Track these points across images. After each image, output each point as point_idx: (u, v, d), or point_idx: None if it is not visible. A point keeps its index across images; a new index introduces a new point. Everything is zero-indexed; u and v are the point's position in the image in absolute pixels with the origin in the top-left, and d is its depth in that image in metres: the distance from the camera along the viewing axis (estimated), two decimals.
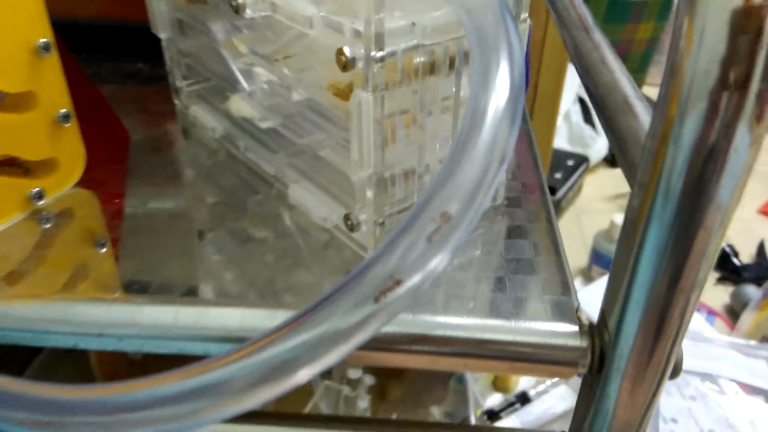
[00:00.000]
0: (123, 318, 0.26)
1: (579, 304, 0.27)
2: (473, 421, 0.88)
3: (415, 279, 0.19)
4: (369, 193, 0.28)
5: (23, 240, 0.31)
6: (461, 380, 0.94)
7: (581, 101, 1.55)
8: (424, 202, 0.20)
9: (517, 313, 0.27)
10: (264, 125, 0.34)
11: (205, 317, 0.27)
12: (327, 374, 0.84)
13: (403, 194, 0.30)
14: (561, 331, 0.26)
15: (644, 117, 0.28)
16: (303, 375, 0.20)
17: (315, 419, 0.35)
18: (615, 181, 1.54)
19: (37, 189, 0.32)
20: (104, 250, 0.31)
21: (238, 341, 0.23)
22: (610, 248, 1.15)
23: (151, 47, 0.43)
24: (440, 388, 0.99)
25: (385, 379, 0.93)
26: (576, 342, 0.25)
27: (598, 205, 1.45)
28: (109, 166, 0.38)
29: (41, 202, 0.33)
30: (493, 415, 0.95)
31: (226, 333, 0.26)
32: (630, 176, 0.26)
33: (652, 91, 1.57)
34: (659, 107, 0.20)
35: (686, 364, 0.78)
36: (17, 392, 0.21)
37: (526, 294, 0.28)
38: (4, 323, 0.26)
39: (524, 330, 0.26)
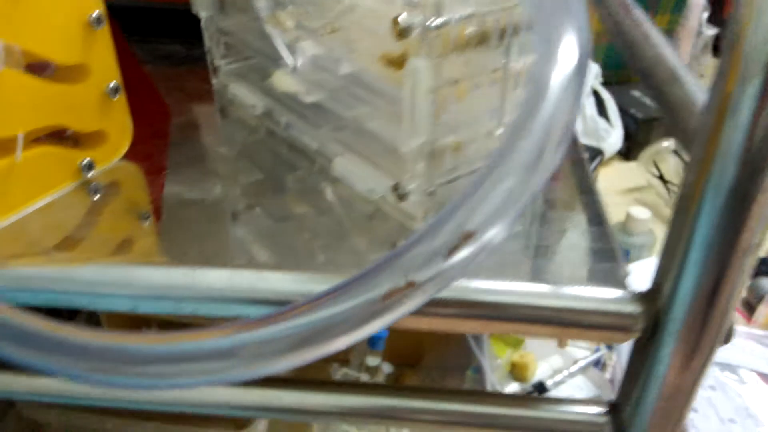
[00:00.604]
0: (182, 281, 0.27)
1: (629, 271, 0.28)
2: None
3: (463, 253, 0.20)
4: (419, 163, 0.29)
5: (75, 210, 0.32)
6: (478, 370, 0.95)
7: (595, 94, 1.55)
8: (481, 177, 0.20)
9: (568, 280, 0.27)
10: (308, 100, 0.34)
11: (261, 281, 0.27)
12: (345, 362, 0.85)
13: (451, 165, 0.30)
14: (614, 297, 0.26)
15: (693, 87, 0.28)
16: (341, 342, 0.20)
17: (342, 385, 0.35)
18: (630, 173, 1.53)
19: (87, 160, 0.33)
20: (148, 223, 0.32)
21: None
22: (627, 241, 1.15)
23: (186, 29, 0.43)
24: (457, 377, 0.99)
25: (403, 367, 0.94)
26: (629, 307, 0.26)
27: (613, 198, 1.45)
28: (152, 141, 0.38)
29: (91, 173, 0.34)
30: None
31: (281, 297, 0.27)
32: (685, 143, 0.26)
33: None
34: (716, 83, 0.21)
35: None
36: (77, 340, 0.21)
37: (575, 261, 0.28)
38: (64, 287, 0.27)
39: (577, 296, 0.26)
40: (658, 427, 0.28)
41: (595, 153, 1.45)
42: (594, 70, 1.38)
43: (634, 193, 1.44)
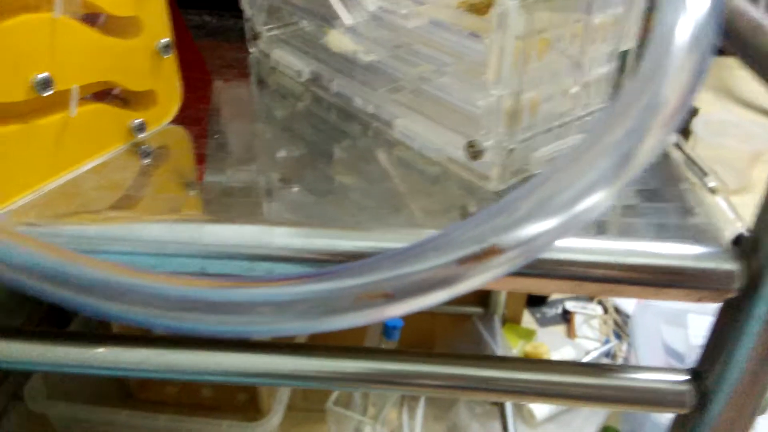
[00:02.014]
0: (255, 239, 0.25)
1: (723, 228, 0.27)
2: (508, 401, 0.88)
3: (552, 222, 0.18)
4: (498, 119, 0.27)
5: (126, 172, 0.30)
6: None
7: None
8: (591, 140, 0.18)
9: (661, 237, 0.26)
10: (368, 59, 0.33)
11: (337, 241, 0.26)
12: None
13: (527, 123, 0.29)
14: (710, 253, 0.25)
15: None
16: (395, 310, 0.19)
17: (366, 351, 0.34)
18: None
19: (138, 120, 0.31)
20: (194, 193, 0.30)
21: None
22: None
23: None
24: None
25: None
26: (727, 265, 0.25)
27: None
28: (197, 106, 0.36)
29: (142, 135, 0.32)
30: None
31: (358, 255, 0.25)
32: None
33: None
34: None
35: None
36: (147, 284, 0.20)
37: (666, 220, 0.27)
38: (129, 246, 0.25)
39: (671, 254, 0.25)
40: (744, 393, 0.27)
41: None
42: None
43: None
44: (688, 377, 0.29)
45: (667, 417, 0.84)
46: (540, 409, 0.93)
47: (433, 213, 0.28)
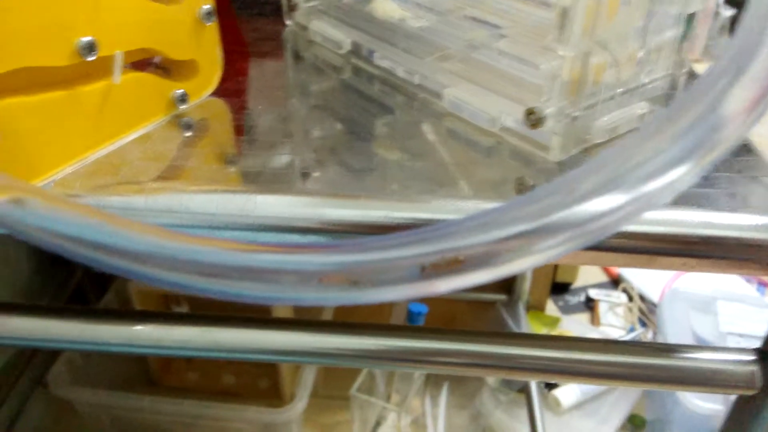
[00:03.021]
0: (306, 212, 0.24)
1: None
2: (534, 389, 0.87)
3: (619, 200, 0.16)
4: (561, 84, 0.26)
5: (168, 144, 0.29)
6: None
7: None
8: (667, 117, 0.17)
9: (738, 208, 0.24)
10: (417, 24, 0.31)
11: (393, 212, 0.24)
12: None
13: (590, 90, 0.28)
14: None
15: None
16: (442, 286, 0.18)
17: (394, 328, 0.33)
18: None
19: (180, 91, 0.30)
20: (234, 169, 0.29)
21: None
22: None
23: None
24: None
25: None
26: None
27: None
28: (235, 78, 0.35)
29: (184, 106, 0.31)
30: (550, 383, 0.93)
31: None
32: None
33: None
34: None
35: None
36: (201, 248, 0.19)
37: (739, 190, 0.26)
38: (180, 219, 0.24)
39: (752, 225, 0.24)
40: None
41: None
42: None
43: None
44: (755, 357, 0.28)
45: (702, 404, 0.82)
46: (566, 397, 0.92)
47: (487, 186, 0.27)
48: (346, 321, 0.30)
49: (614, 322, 1.09)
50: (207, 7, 0.30)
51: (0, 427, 0.83)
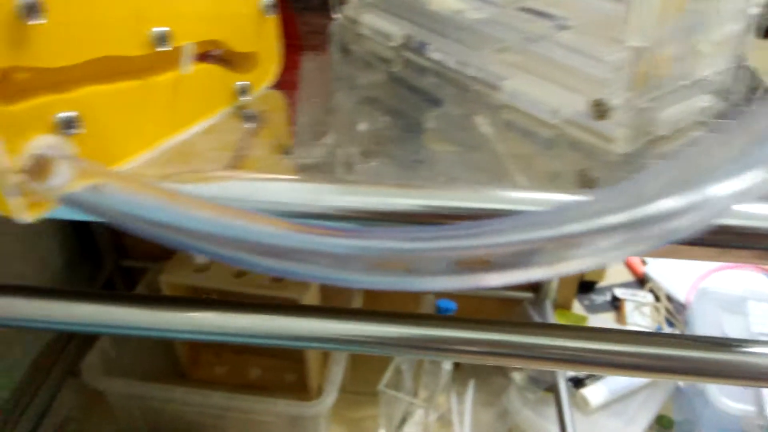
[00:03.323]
0: (369, 204, 0.24)
1: None
2: (562, 387, 0.86)
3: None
4: (632, 74, 0.26)
5: (230, 135, 0.29)
6: None
7: None
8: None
9: None
10: (477, 16, 0.31)
11: (462, 201, 0.25)
12: None
13: (656, 82, 0.27)
14: None
15: None
16: (492, 279, 0.18)
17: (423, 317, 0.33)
18: None
19: (243, 83, 0.31)
20: (297, 159, 0.29)
21: None
22: None
23: None
24: None
25: None
26: None
27: None
28: (290, 70, 0.36)
29: (245, 98, 0.31)
30: (578, 382, 0.93)
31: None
32: None
33: None
34: None
35: None
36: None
37: None
38: (253, 207, 0.25)
39: None
40: None
41: None
42: None
43: None
44: None
45: (733, 404, 0.81)
46: (594, 396, 0.92)
47: (546, 177, 0.27)
48: (374, 309, 0.31)
49: (641, 321, 1.08)
50: None
51: (33, 417, 0.85)
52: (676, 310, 1.07)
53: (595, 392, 0.92)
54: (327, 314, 0.31)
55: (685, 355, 0.29)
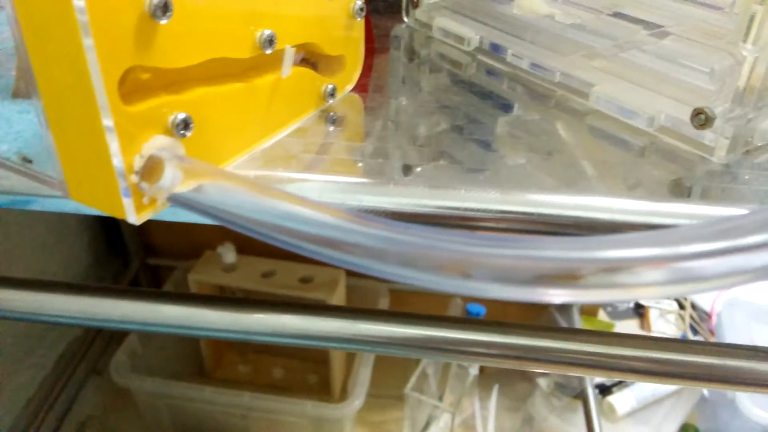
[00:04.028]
0: (476, 204, 0.24)
1: None
2: (591, 394, 0.86)
3: None
4: (740, 84, 0.26)
5: (316, 138, 0.29)
6: None
7: None
8: None
9: None
10: (568, 22, 0.31)
11: (536, 205, 0.24)
12: None
13: (763, 92, 0.27)
14: None
15: None
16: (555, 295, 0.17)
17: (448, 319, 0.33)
18: None
19: (331, 86, 0.30)
20: (392, 164, 0.29)
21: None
22: None
23: None
24: None
25: None
26: None
27: None
28: (367, 74, 0.35)
29: (332, 101, 0.31)
30: (604, 389, 0.92)
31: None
32: None
33: None
34: None
35: None
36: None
37: None
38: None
39: None
40: None
41: None
42: None
43: None
44: None
45: (764, 414, 0.80)
46: (621, 404, 0.91)
47: (633, 186, 0.27)
48: (402, 311, 0.31)
49: (665, 329, 1.07)
50: (360, 2, 0.30)
51: (58, 413, 0.85)
52: (700, 318, 1.07)
53: (622, 400, 0.91)
54: (353, 315, 0.31)
55: (716, 363, 0.29)
